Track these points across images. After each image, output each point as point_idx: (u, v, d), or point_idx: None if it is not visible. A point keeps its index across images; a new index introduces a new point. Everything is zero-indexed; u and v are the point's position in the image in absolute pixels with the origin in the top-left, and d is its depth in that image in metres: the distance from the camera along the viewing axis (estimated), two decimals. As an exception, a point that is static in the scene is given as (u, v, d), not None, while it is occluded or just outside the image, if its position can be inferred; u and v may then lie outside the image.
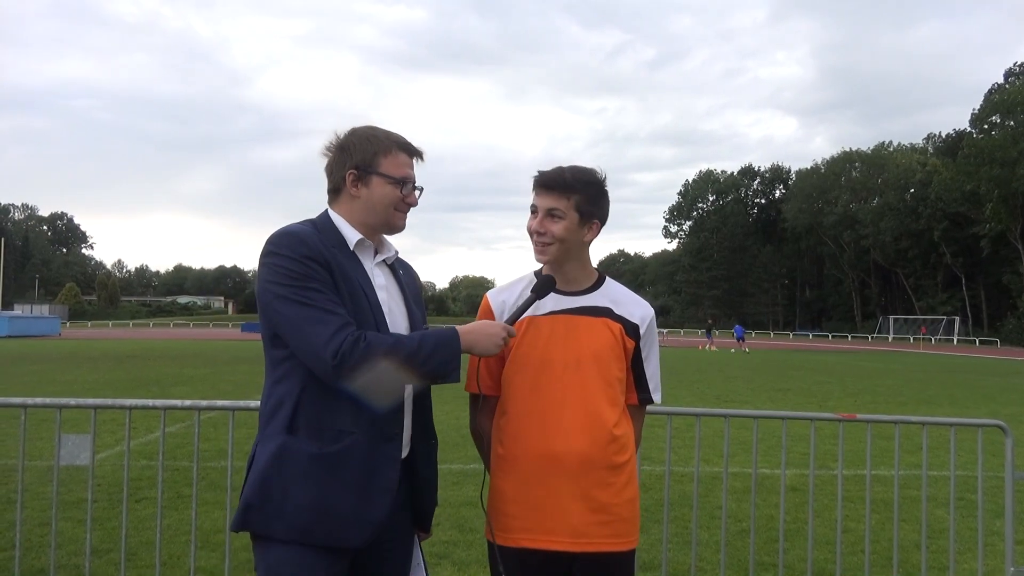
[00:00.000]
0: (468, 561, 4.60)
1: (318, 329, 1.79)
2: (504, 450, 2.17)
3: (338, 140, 2.04)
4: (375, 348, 1.79)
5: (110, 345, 34.92)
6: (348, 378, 1.79)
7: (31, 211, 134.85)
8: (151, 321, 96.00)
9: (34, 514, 5.28)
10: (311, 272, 1.84)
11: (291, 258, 1.85)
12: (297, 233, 1.90)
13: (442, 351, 1.87)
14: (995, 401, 15.02)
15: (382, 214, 2.02)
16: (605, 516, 2.10)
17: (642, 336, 2.23)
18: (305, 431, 1.86)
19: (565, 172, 2.13)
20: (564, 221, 2.12)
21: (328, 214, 2.04)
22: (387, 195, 2.00)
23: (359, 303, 1.89)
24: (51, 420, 3.62)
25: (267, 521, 1.85)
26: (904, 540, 4.94)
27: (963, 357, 36.85)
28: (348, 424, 1.86)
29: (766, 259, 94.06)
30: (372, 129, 2.05)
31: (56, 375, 17.41)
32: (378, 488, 1.88)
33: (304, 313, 1.81)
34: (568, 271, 2.20)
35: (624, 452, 2.16)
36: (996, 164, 59.24)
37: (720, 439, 8.20)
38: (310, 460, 1.84)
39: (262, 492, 1.85)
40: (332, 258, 1.89)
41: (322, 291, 1.83)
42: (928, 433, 3.71)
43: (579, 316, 2.17)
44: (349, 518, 1.84)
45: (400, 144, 2.04)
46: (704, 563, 4.61)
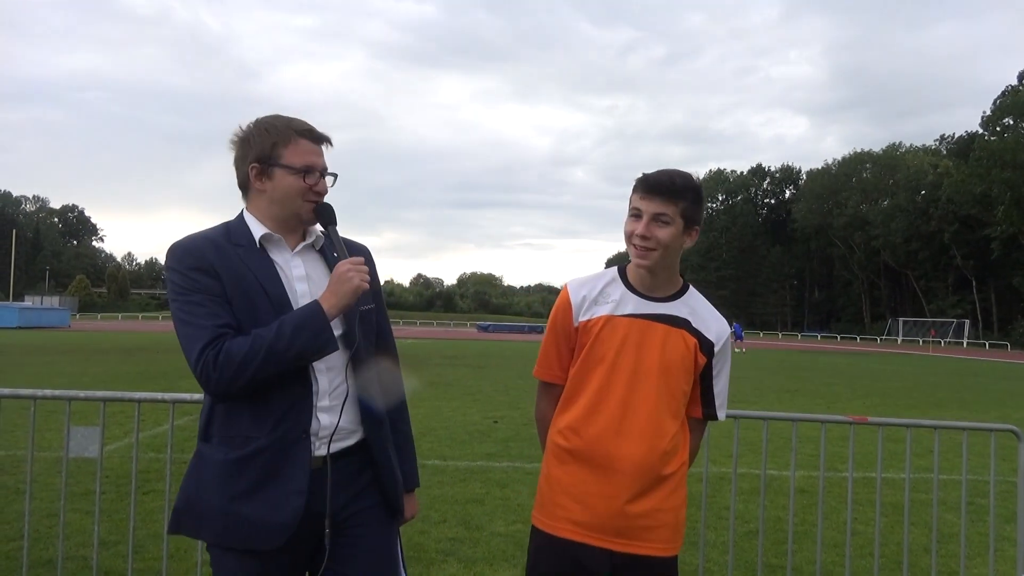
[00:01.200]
0: (474, 558, 4.59)
1: (191, 345, 1.82)
2: (564, 441, 2.18)
3: (241, 132, 1.98)
4: (232, 355, 1.78)
5: (119, 337, 35.09)
6: (220, 391, 1.83)
7: (42, 203, 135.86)
8: (160, 314, 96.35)
9: (43, 505, 5.30)
10: (194, 284, 1.85)
11: (177, 271, 1.87)
12: (185, 244, 1.91)
13: (306, 328, 1.82)
14: (1006, 405, 14.93)
15: (288, 206, 1.96)
16: (649, 521, 2.11)
17: (716, 354, 2.21)
18: (218, 439, 1.91)
19: (675, 177, 2.09)
20: (670, 227, 2.08)
21: (242, 213, 2.02)
22: (291, 186, 1.94)
23: (255, 302, 1.87)
24: (60, 412, 3.63)
25: (193, 526, 1.92)
26: (913, 544, 4.90)
27: (973, 360, 36.64)
28: (252, 430, 1.87)
29: (775, 259, 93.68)
30: (274, 118, 1.99)
31: (65, 367, 17.51)
32: (288, 491, 1.86)
33: (183, 331, 1.85)
34: (660, 277, 2.18)
35: (674, 463, 2.16)
36: (1008, 167, 58.86)
37: (728, 440, 8.17)
38: (219, 466, 1.87)
39: (185, 499, 1.93)
40: (225, 262, 1.87)
41: (203, 304, 1.84)
42: (939, 437, 3.68)
43: (657, 323, 2.15)
44: (256, 523, 1.84)
45: (301, 131, 1.96)
46: (712, 564, 4.59)
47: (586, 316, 2.18)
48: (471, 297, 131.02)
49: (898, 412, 12.97)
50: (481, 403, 12.04)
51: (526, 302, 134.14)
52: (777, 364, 27.87)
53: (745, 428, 3.74)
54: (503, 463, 7.50)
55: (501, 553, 4.68)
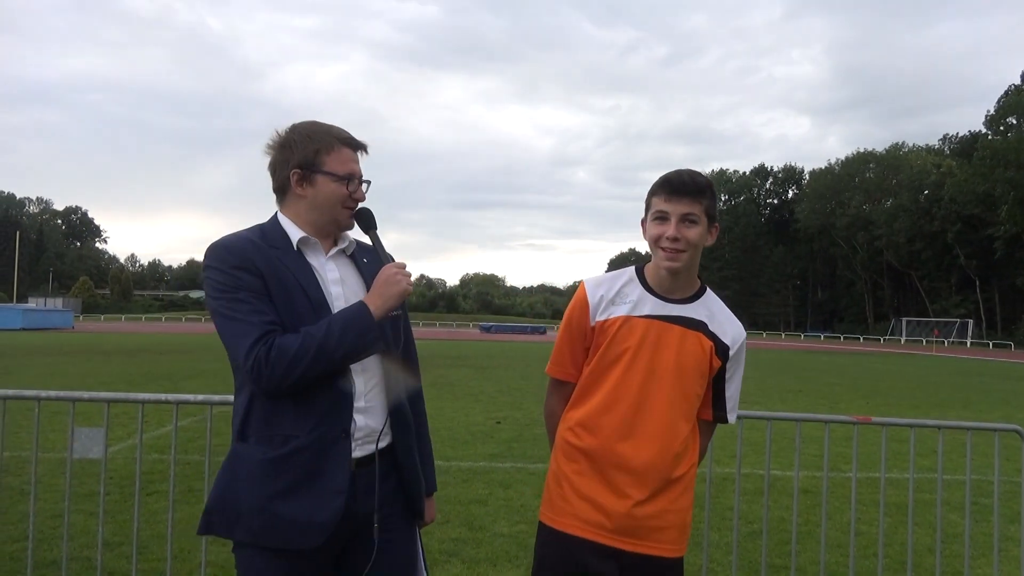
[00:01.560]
0: (478, 559, 4.59)
1: (239, 342, 1.82)
2: (574, 439, 2.18)
3: (279, 138, 2.01)
4: (285, 350, 1.80)
5: (123, 339, 35.15)
6: (271, 386, 1.82)
7: (46, 205, 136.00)
8: (164, 315, 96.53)
9: (47, 506, 5.32)
10: (239, 282, 1.86)
11: (220, 270, 1.88)
12: (226, 244, 1.92)
13: (354, 327, 1.86)
14: (1009, 405, 14.89)
15: (328, 213, 2.00)
16: (658, 522, 2.11)
17: (730, 358, 2.21)
18: (255, 438, 1.90)
19: (695, 176, 2.10)
20: (698, 227, 2.09)
21: (276, 216, 2.03)
22: (333, 193, 1.98)
23: (296, 303, 1.89)
24: (64, 413, 3.64)
25: (226, 526, 1.91)
26: (917, 544, 4.89)
27: (977, 360, 36.56)
28: (292, 428, 1.87)
29: (778, 260, 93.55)
30: (314, 124, 2.02)
31: (69, 368, 17.53)
32: (327, 490, 1.88)
33: (229, 327, 1.85)
34: (681, 278, 2.17)
35: (683, 466, 2.16)
36: (1012, 166, 58.74)
37: (731, 440, 8.17)
38: (258, 465, 1.87)
39: (219, 498, 1.92)
40: (267, 262, 1.89)
41: (248, 301, 1.85)
42: (943, 437, 3.68)
43: (675, 325, 2.15)
44: (296, 522, 1.85)
45: (343, 139, 2.00)
46: (715, 565, 4.59)
47: (603, 316, 2.17)
48: (473, 298, 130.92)
49: (902, 412, 12.94)
50: (484, 404, 12.02)
51: (528, 303, 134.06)
52: (780, 364, 27.83)
53: (748, 428, 3.74)
54: (506, 464, 7.50)
55: (504, 554, 4.68)
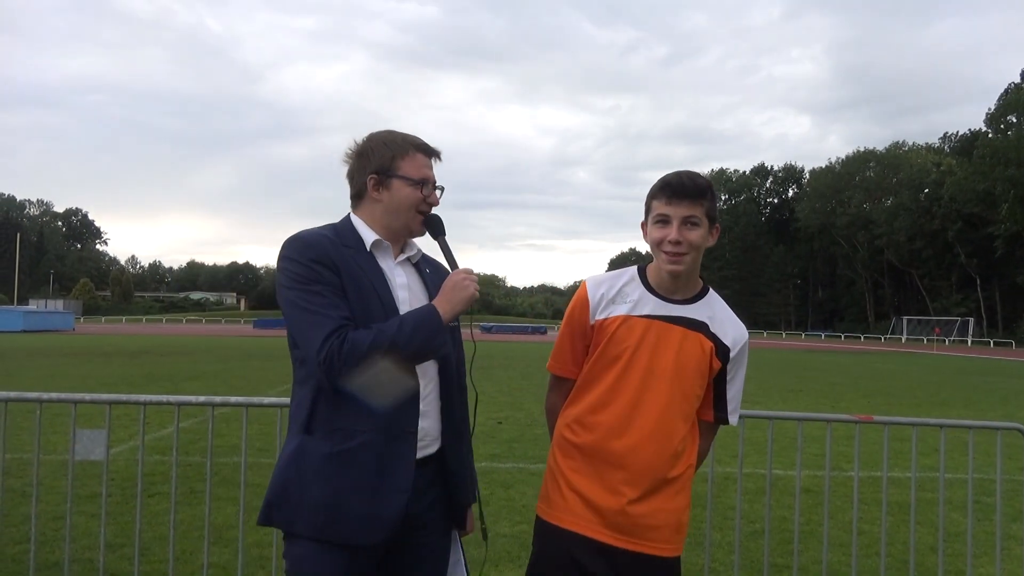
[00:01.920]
0: (480, 559, 4.59)
1: (314, 333, 1.83)
2: (571, 435, 2.19)
3: (357, 146, 2.07)
4: (358, 344, 1.81)
5: (124, 340, 35.15)
6: (342, 379, 1.82)
7: (46, 207, 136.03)
8: (164, 317, 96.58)
9: (49, 508, 5.32)
10: (316, 275, 1.88)
11: (299, 262, 1.90)
12: (305, 238, 1.95)
13: (424, 327, 1.89)
14: (1011, 403, 14.89)
15: (403, 216, 2.05)
16: (652, 520, 2.11)
17: (731, 360, 2.21)
18: (320, 431, 1.90)
19: (695, 178, 2.11)
20: (700, 228, 2.10)
21: (350, 217, 2.08)
22: (408, 197, 2.03)
23: (369, 303, 1.92)
24: (66, 415, 3.64)
25: (287, 518, 1.91)
26: (920, 543, 4.89)
27: (978, 359, 36.54)
28: (359, 423, 1.88)
29: (778, 259, 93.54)
30: (390, 133, 2.08)
31: (70, 370, 17.54)
32: (391, 488, 1.90)
33: (304, 318, 1.86)
34: (683, 280, 2.17)
35: (680, 466, 2.16)
36: (1012, 164, 58.71)
37: (732, 439, 8.15)
38: (323, 459, 1.88)
39: (281, 490, 1.91)
40: (343, 260, 1.93)
41: (324, 294, 1.87)
42: (945, 436, 3.67)
43: (675, 326, 2.15)
44: (361, 517, 1.87)
45: (417, 145, 2.06)
46: (717, 564, 4.59)
47: (603, 315, 2.18)
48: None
49: (903, 411, 12.93)
50: (485, 404, 11.92)
51: (529, 303, 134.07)
52: (781, 363, 27.81)
53: (750, 428, 3.73)
54: (507, 464, 7.50)
55: (507, 554, 4.68)
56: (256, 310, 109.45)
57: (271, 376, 16.85)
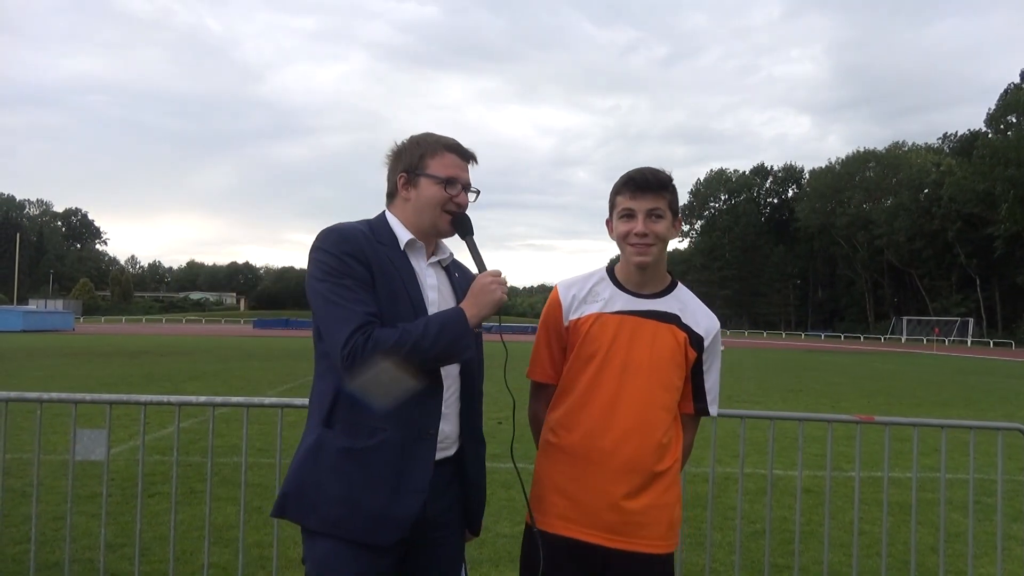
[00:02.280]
0: (480, 560, 4.59)
1: (339, 328, 1.82)
2: (555, 439, 2.20)
3: (395, 147, 2.09)
4: (382, 342, 1.80)
5: (123, 340, 35.14)
6: (358, 376, 1.80)
7: (46, 207, 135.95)
8: (164, 317, 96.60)
9: (49, 508, 5.31)
10: (348, 269, 1.88)
11: (331, 254, 1.89)
12: (341, 230, 1.94)
13: (450, 330, 1.88)
14: (1010, 403, 14.89)
15: (429, 215, 2.04)
16: (643, 518, 2.11)
17: (706, 348, 2.23)
18: (341, 426, 1.89)
19: (657, 172, 2.16)
20: (664, 220, 2.14)
21: (384, 214, 2.09)
22: (434, 195, 2.03)
23: (398, 301, 1.92)
24: (66, 415, 3.63)
25: (302, 512, 1.89)
26: (921, 544, 4.89)
27: (977, 359, 36.55)
28: (380, 421, 1.87)
29: (778, 259, 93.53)
30: (425, 134, 2.10)
31: (70, 370, 17.53)
32: (409, 488, 1.89)
33: (332, 311, 1.85)
34: (651, 273, 2.21)
35: (667, 459, 2.16)
36: (1012, 164, 58.70)
37: (732, 439, 8.16)
38: (342, 454, 1.87)
39: (298, 483, 1.90)
40: (376, 256, 1.92)
41: (354, 289, 1.86)
42: (946, 436, 3.67)
43: (647, 319, 2.18)
44: (378, 515, 1.85)
45: (448, 146, 2.07)
46: (718, 564, 4.58)
47: (576, 315, 2.21)
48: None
49: (903, 411, 12.94)
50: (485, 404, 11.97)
51: (529, 303, 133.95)
52: (781, 363, 27.82)
53: (751, 428, 3.74)
54: (507, 464, 7.47)
55: (507, 554, 4.68)
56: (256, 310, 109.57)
57: (271, 376, 16.85)
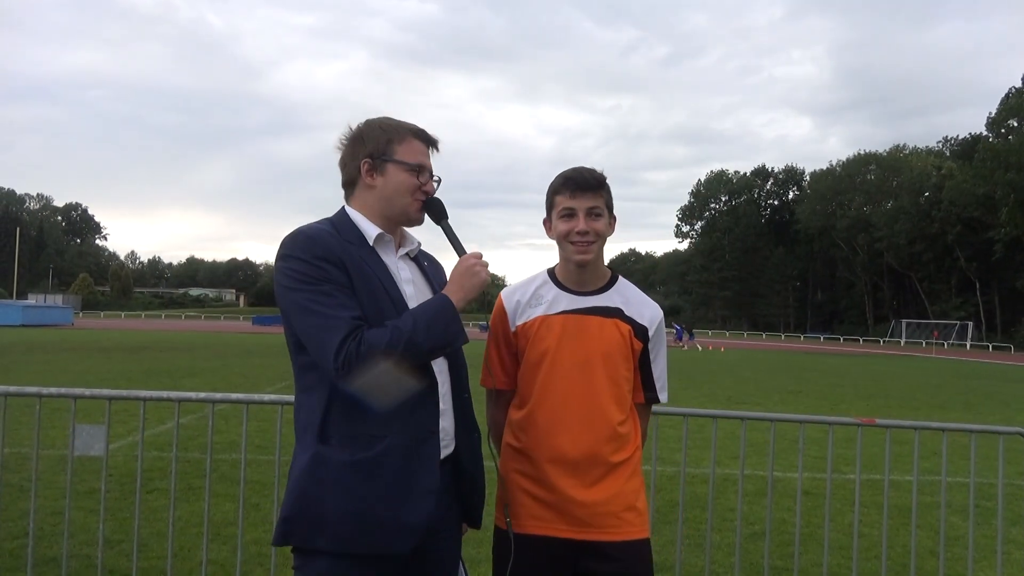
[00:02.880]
0: (478, 559, 4.57)
1: (328, 337, 1.74)
2: (515, 442, 2.23)
3: (351, 132, 2.01)
4: (375, 345, 1.74)
5: (122, 336, 35.13)
6: (356, 383, 1.73)
7: (46, 201, 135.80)
8: (163, 313, 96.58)
9: (47, 503, 5.30)
10: (323, 274, 1.79)
11: (303, 260, 1.80)
12: (310, 234, 1.85)
13: (439, 319, 1.83)
14: (1010, 407, 14.89)
15: (399, 203, 1.97)
16: (609, 508, 2.15)
17: (651, 338, 2.28)
18: (337, 439, 1.81)
19: (593, 172, 2.23)
20: (603, 218, 2.21)
21: (345, 211, 1.99)
22: (403, 182, 1.96)
23: (379, 300, 1.85)
24: (65, 410, 3.63)
25: (308, 534, 1.79)
26: (920, 547, 4.88)
27: (976, 362, 36.55)
28: (380, 428, 1.80)
29: (778, 261, 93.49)
30: (386, 119, 2.04)
31: (69, 365, 17.53)
32: (420, 490, 1.83)
33: (315, 321, 1.76)
34: (592, 269, 2.26)
35: (625, 450, 2.21)
36: (1012, 168, 58.66)
37: (731, 441, 8.16)
38: (344, 468, 1.78)
39: (299, 505, 1.80)
40: (348, 256, 1.84)
41: (334, 294, 1.78)
42: (946, 439, 3.66)
43: (590, 316, 2.23)
44: (391, 525, 1.79)
45: (414, 132, 2.01)
46: (717, 566, 4.58)
47: (522, 320, 2.26)
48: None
49: (902, 414, 12.94)
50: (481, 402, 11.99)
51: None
52: (780, 365, 27.82)
53: (751, 429, 3.73)
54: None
55: (505, 554, 4.66)
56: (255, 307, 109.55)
57: (270, 373, 16.84)
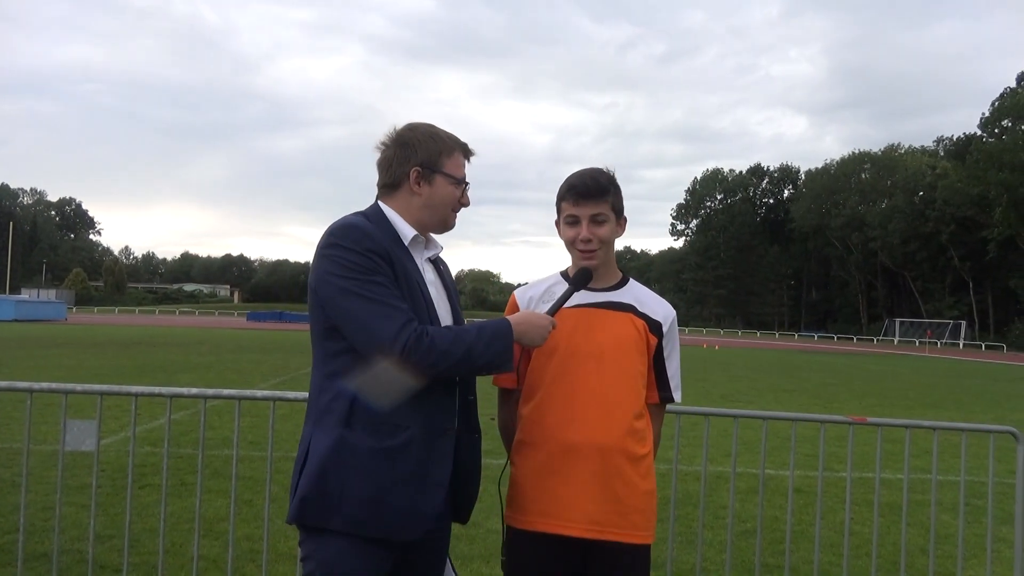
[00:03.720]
0: (471, 555, 4.59)
1: (385, 324, 1.80)
2: (525, 436, 2.21)
3: (397, 135, 2.04)
4: (439, 343, 1.80)
5: (116, 331, 35.03)
6: (419, 374, 1.81)
7: (40, 196, 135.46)
8: (157, 308, 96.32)
9: (38, 498, 5.29)
10: (375, 266, 1.85)
11: (355, 251, 1.84)
12: (360, 226, 1.90)
13: (498, 342, 1.89)
14: (1002, 407, 14.96)
15: (440, 213, 2.05)
16: (621, 507, 2.12)
17: (665, 334, 2.27)
18: (362, 425, 1.85)
19: (598, 177, 2.20)
20: (607, 224, 2.20)
21: (380, 207, 2.04)
22: (449, 195, 2.04)
23: (416, 298, 1.91)
24: (56, 405, 3.62)
25: (323, 514, 1.84)
26: (910, 545, 4.91)
27: (969, 361, 36.71)
28: (405, 419, 1.86)
29: (773, 259, 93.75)
30: (433, 128, 2.08)
31: (62, 360, 17.47)
32: (432, 482, 1.90)
33: (370, 308, 1.81)
34: (603, 269, 2.26)
35: (643, 445, 2.18)
36: (1006, 168, 58.88)
37: (724, 438, 8.18)
38: (368, 454, 1.84)
39: (320, 485, 1.84)
40: (392, 252, 1.90)
41: (386, 285, 1.84)
42: (937, 438, 3.68)
43: (604, 310, 2.22)
44: (405, 512, 1.85)
45: (460, 145, 2.09)
46: (709, 563, 4.59)
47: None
48: (468, 294, 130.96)
49: (895, 413, 12.99)
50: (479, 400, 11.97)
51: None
52: (774, 363, 27.90)
53: (744, 427, 3.74)
54: (499, 460, 7.46)
55: (497, 551, 4.66)
56: (250, 303, 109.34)
57: (264, 369, 16.82)
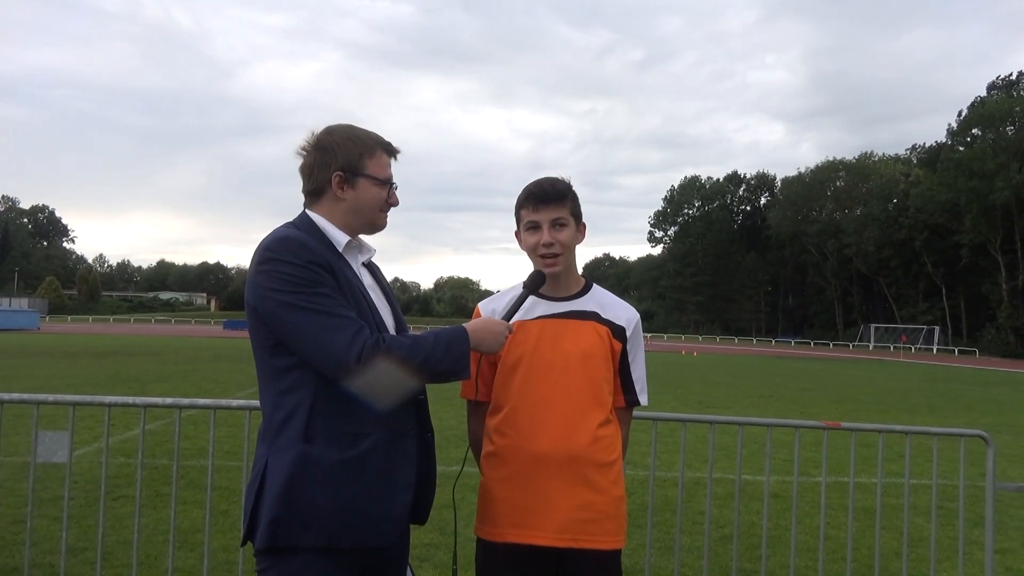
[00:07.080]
0: (449, 564, 4.57)
1: (336, 335, 1.77)
2: (494, 447, 2.22)
3: (316, 140, 1.99)
4: (395, 350, 1.79)
5: (90, 340, 34.54)
6: (363, 379, 1.78)
7: (12, 203, 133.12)
8: (132, 317, 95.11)
9: (9, 511, 5.20)
10: (318, 277, 1.81)
11: (295, 264, 1.80)
12: (296, 238, 1.86)
13: (455, 349, 1.89)
14: (974, 411, 15.18)
15: (367, 216, 2.02)
16: (590, 513, 2.13)
17: (628, 339, 2.29)
18: (322, 438, 1.82)
19: (555, 183, 2.24)
20: (568, 228, 2.23)
21: (308, 216, 1.99)
22: (374, 197, 2.00)
23: (360, 305, 1.89)
24: (28, 416, 3.55)
25: (296, 533, 1.79)
26: (885, 548, 4.96)
27: (943, 366, 37.21)
28: (364, 426, 1.85)
29: (750, 266, 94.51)
30: (352, 129, 2.03)
31: (34, 370, 17.19)
32: (399, 484, 1.90)
33: (318, 320, 1.77)
34: (565, 277, 2.27)
35: (611, 452, 2.19)
36: (975, 176, 59.87)
37: (702, 444, 8.22)
38: (334, 467, 1.81)
39: (286, 505, 1.79)
40: (331, 261, 1.88)
41: (331, 296, 1.81)
42: (910, 442, 3.73)
43: (567, 320, 2.23)
44: (374, 518, 1.85)
45: (382, 144, 2.04)
46: (687, 569, 4.61)
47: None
48: (448, 301, 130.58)
49: (870, 417, 13.13)
50: (457, 407, 11.89)
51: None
52: (751, 369, 28.10)
53: (720, 433, 3.77)
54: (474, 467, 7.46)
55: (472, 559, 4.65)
56: (226, 311, 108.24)
57: (240, 378, 16.66)
